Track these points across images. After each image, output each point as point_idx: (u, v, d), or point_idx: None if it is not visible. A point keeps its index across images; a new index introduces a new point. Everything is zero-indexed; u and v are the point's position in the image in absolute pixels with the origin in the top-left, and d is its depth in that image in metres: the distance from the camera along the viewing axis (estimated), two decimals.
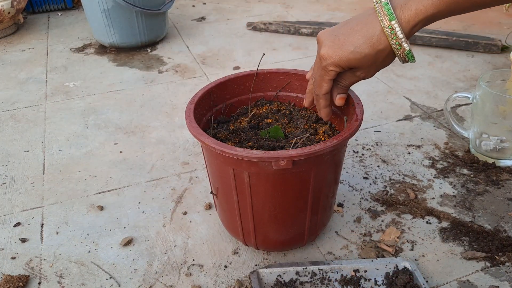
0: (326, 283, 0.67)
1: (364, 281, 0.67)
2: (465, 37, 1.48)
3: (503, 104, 0.85)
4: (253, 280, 0.67)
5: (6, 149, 1.05)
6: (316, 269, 0.69)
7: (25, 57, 1.55)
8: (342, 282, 0.67)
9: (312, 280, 0.67)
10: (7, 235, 0.81)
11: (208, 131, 0.71)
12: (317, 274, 0.68)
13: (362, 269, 0.68)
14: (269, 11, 1.92)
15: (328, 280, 0.67)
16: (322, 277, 0.67)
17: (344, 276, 0.67)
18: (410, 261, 0.68)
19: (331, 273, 0.68)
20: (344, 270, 0.68)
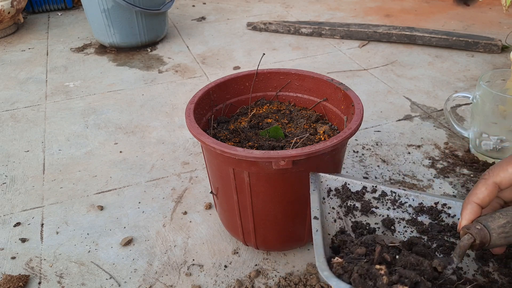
0: (398, 205, 0.58)
1: (446, 216, 0.58)
2: (465, 37, 1.48)
3: (503, 104, 0.85)
4: (312, 179, 0.58)
5: (6, 149, 1.05)
6: (388, 189, 0.59)
7: (25, 57, 1.55)
8: (418, 209, 0.58)
9: (382, 199, 0.59)
10: (7, 235, 0.81)
11: (208, 131, 0.71)
12: (388, 195, 0.59)
13: (445, 204, 0.58)
14: (269, 11, 1.92)
15: (400, 203, 0.59)
16: (393, 199, 0.59)
17: (422, 204, 0.58)
18: None
19: (405, 198, 0.59)
20: (423, 200, 0.59)
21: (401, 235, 0.56)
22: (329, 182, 0.60)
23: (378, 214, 0.58)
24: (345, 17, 1.81)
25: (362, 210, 0.58)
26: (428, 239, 0.55)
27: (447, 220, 0.57)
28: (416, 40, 1.52)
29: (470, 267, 0.52)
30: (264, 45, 1.58)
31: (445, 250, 0.53)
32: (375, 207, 0.59)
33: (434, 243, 0.55)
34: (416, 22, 1.73)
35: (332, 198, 0.59)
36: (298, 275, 0.71)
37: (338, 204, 0.58)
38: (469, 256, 0.53)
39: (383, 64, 1.41)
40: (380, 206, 0.59)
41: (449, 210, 0.58)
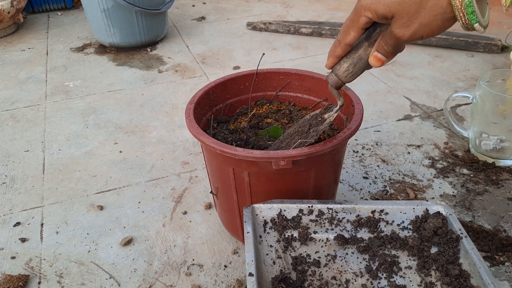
0: (336, 223, 0.57)
1: (385, 224, 0.57)
2: (465, 37, 1.48)
3: (503, 104, 0.85)
4: (246, 215, 0.56)
5: (6, 149, 1.05)
6: (324, 207, 0.57)
7: (25, 56, 1.55)
8: (356, 223, 0.57)
9: (319, 219, 0.57)
10: (7, 235, 0.81)
11: (208, 131, 0.71)
12: (325, 213, 0.57)
13: (382, 210, 0.57)
14: (269, 10, 1.92)
15: (338, 220, 0.57)
16: (331, 217, 0.57)
17: (359, 216, 0.57)
18: (445, 206, 0.57)
19: (343, 213, 0.57)
20: (360, 211, 0.57)
21: (343, 261, 0.56)
22: (264, 213, 0.58)
23: (318, 240, 0.57)
24: (345, 17, 1.81)
25: (301, 239, 0.57)
26: (369, 258, 0.55)
27: (386, 230, 0.57)
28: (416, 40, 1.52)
29: (413, 280, 0.53)
30: (264, 45, 1.58)
31: (387, 269, 0.54)
32: (314, 231, 0.58)
33: (376, 261, 0.55)
34: None
35: (270, 233, 0.57)
36: None
37: (276, 239, 0.57)
38: (411, 268, 0.54)
39: None
40: (318, 230, 0.58)
41: (387, 217, 0.58)
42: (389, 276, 0.53)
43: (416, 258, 0.55)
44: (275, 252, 0.56)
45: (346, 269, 0.55)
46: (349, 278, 0.54)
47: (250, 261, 0.50)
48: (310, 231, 0.57)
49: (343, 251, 0.56)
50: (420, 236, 0.56)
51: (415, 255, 0.55)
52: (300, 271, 0.54)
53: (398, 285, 0.52)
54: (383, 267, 0.54)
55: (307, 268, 0.55)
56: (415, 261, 0.55)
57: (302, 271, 0.54)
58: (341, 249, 0.56)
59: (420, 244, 0.55)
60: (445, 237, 0.54)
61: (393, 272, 0.54)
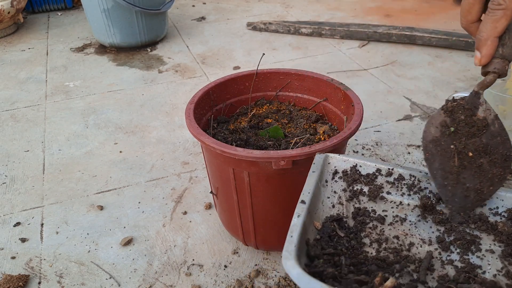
0: (415, 191, 0.52)
1: None
2: (465, 37, 1.48)
3: (503, 104, 0.85)
4: (317, 161, 0.52)
5: (6, 149, 1.05)
6: (406, 173, 0.52)
7: (25, 56, 1.55)
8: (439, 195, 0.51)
9: (397, 183, 0.53)
10: (7, 235, 0.81)
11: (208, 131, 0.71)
12: (406, 179, 0.53)
13: None
14: (269, 11, 1.92)
15: (418, 188, 0.52)
16: (411, 184, 0.52)
17: None
18: None
19: (427, 183, 0.52)
20: None
21: (412, 226, 0.50)
22: (337, 164, 0.54)
23: (389, 201, 0.52)
24: (345, 17, 1.81)
25: (370, 195, 0.52)
26: (444, 231, 0.49)
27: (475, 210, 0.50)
28: (416, 40, 1.52)
29: (493, 265, 0.46)
30: (264, 45, 1.58)
31: (463, 245, 0.48)
32: (387, 192, 0.52)
33: (452, 235, 0.49)
34: (416, 22, 1.73)
35: (337, 181, 0.53)
36: None
37: (343, 188, 0.53)
38: (494, 253, 0.47)
39: (383, 64, 1.41)
40: (393, 192, 0.52)
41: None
42: (463, 253, 0.47)
43: (503, 245, 0.48)
44: (337, 198, 0.52)
45: (413, 233, 0.49)
46: (414, 242, 0.48)
47: (307, 192, 0.47)
48: (383, 190, 0.52)
49: (415, 217, 0.51)
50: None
51: (502, 241, 0.48)
52: (360, 222, 0.50)
53: (472, 264, 0.46)
54: (458, 243, 0.48)
55: (369, 221, 0.50)
56: (500, 247, 0.48)
57: (362, 222, 0.50)
58: (413, 215, 0.51)
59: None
60: None
61: (470, 251, 0.47)
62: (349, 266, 0.43)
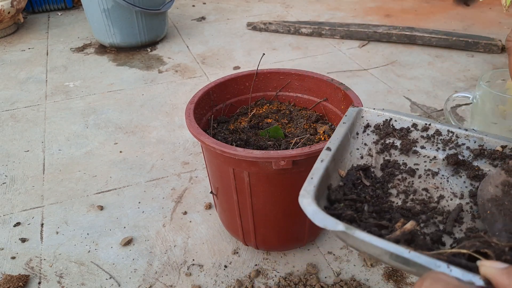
0: (452, 146, 0.50)
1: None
2: (465, 37, 1.48)
3: (503, 104, 0.85)
4: (349, 113, 0.51)
5: (6, 149, 1.05)
6: (444, 129, 0.50)
7: (25, 56, 1.55)
8: (477, 152, 0.49)
9: (433, 138, 0.51)
10: (7, 235, 0.81)
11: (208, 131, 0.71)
12: (443, 134, 0.51)
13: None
14: (269, 10, 1.92)
15: (456, 144, 0.50)
16: (448, 139, 0.50)
17: (483, 147, 0.49)
18: None
19: (465, 139, 0.50)
20: (487, 142, 0.49)
21: (444, 180, 0.47)
22: (370, 118, 0.52)
23: (423, 155, 0.49)
24: (345, 17, 1.81)
25: (403, 148, 0.50)
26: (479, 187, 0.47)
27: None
28: (416, 40, 1.52)
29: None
30: (264, 45, 1.58)
31: None
32: (422, 146, 0.50)
33: None
34: (416, 22, 1.73)
35: (369, 134, 0.51)
36: (298, 275, 0.71)
37: (374, 140, 0.51)
38: None
39: (383, 64, 1.41)
40: (427, 146, 0.50)
41: None
42: None
43: None
44: (367, 150, 0.50)
45: (444, 186, 0.47)
46: (444, 195, 0.46)
47: (334, 140, 0.45)
48: (417, 144, 0.50)
49: (449, 172, 0.48)
50: None
51: None
52: (388, 173, 0.48)
53: None
54: None
55: (398, 173, 0.48)
56: None
57: (391, 173, 0.48)
58: (447, 170, 0.49)
59: None
60: None
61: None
62: (371, 213, 0.42)
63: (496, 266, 0.31)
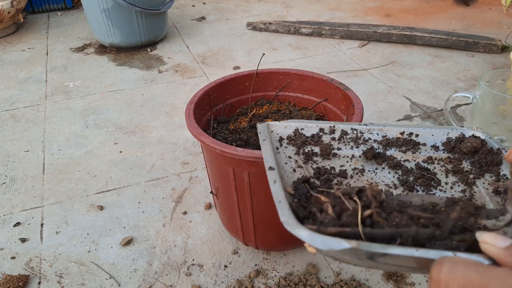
0: (361, 142, 0.53)
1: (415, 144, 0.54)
2: (465, 37, 1.48)
3: (503, 104, 0.85)
4: (261, 129, 0.52)
5: (6, 149, 1.05)
6: (347, 127, 0.54)
7: (25, 56, 1.55)
8: (384, 142, 0.53)
9: (342, 139, 0.54)
10: (7, 235, 0.81)
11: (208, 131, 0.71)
12: (349, 133, 0.54)
13: (412, 133, 0.54)
14: (269, 10, 1.92)
15: (363, 140, 0.54)
16: (355, 137, 0.54)
17: (386, 137, 0.54)
18: (482, 131, 0.53)
19: (369, 133, 0.54)
20: (387, 132, 0.54)
21: (372, 174, 0.50)
22: (279, 131, 0.54)
23: (342, 156, 0.52)
24: (345, 17, 1.81)
25: (323, 153, 0.52)
26: (403, 173, 0.50)
27: (417, 150, 0.53)
28: (416, 40, 1.52)
29: (456, 195, 0.47)
30: (264, 45, 1.58)
31: (424, 182, 0.49)
32: (338, 148, 0.53)
33: (411, 176, 0.50)
34: (416, 22, 1.73)
35: (287, 147, 0.52)
36: (298, 275, 0.71)
37: (295, 151, 0.52)
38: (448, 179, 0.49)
39: (383, 64, 1.41)
40: (342, 147, 0.53)
41: (418, 139, 0.53)
42: (427, 190, 0.48)
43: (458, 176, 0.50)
44: (294, 162, 0.51)
45: (377, 181, 0.50)
46: (382, 189, 0.48)
47: (269, 156, 0.45)
48: (333, 147, 0.53)
49: (372, 166, 0.52)
50: (458, 156, 0.51)
51: (457, 172, 0.50)
52: (325, 180, 0.49)
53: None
54: (420, 181, 0.49)
55: (332, 177, 0.50)
56: (455, 177, 0.50)
57: (327, 179, 0.50)
58: (369, 164, 0.52)
59: (458, 163, 0.51)
60: (486, 158, 0.49)
61: (432, 186, 0.49)
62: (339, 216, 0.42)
63: (498, 245, 0.31)
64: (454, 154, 0.52)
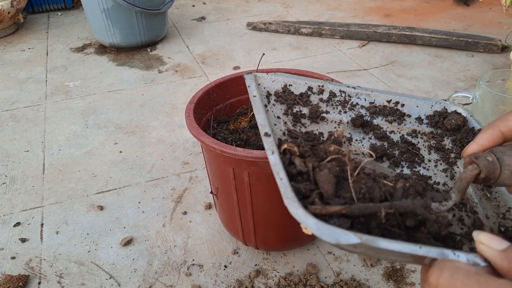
0: (349, 107, 0.53)
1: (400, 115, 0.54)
2: (465, 37, 1.48)
3: (503, 104, 0.85)
4: (249, 79, 0.51)
5: (6, 149, 1.05)
6: (336, 89, 0.53)
7: (25, 57, 1.55)
8: (372, 109, 0.53)
9: (330, 101, 0.53)
10: (7, 235, 0.81)
11: (208, 131, 0.71)
12: (337, 95, 0.53)
13: (398, 102, 0.54)
14: (269, 11, 1.92)
15: (351, 105, 0.53)
16: (343, 100, 0.53)
17: (373, 104, 0.53)
18: (464, 108, 0.54)
19: (356, 98, 0.53)
20: (375, 99, 0.54)
21: (360, 144, 0.50)
22: (267, 84, 0.52)
23: (330, 120, 0.52)
24: (345, 17, 1.81)
25: (311, 116, 0.51)
26: (389, 146, 0.50)
27: (403, 122, 0.53)
28: (416, 40, 1.52)
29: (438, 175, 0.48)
30: (264, 45, 1.58)
31: (409, 158, 0.49)
32: (326, 111, 0.52)
33: (396, 149, 0.50)
34: (416, 22, 1.73)
35: (275, 105, 0.51)
36: (298, 275, 0.71)
37: (283, 111, 0.50)
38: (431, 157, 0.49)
39: (383, 64, 1.41)
40: (330, 110, 0.52)
41: (403, 109, 0.53)
42: (412, 166, 0.49)
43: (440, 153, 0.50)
44: (283, 124, 0.49)
45: (365, 153, 0.50)
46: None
47: (264, 122, 0.43)
48: (322, 110, 0.52)
49: (359, 135, 0.51)
50: (440, 132, 0.52)
51: (439, 149, 0.51)
52: (314, 146, 0.49)
53: (423, 176, 0.48)
54: (405, 156, 0.49)
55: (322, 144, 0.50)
56: (437, 155, 0.50)
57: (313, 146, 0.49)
58: (357, 133, 0.51)
59: (440, 140, 0.51)
60: (467, 138, 0.50)
61: (416, 163, 0.49)
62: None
63: (495, 247, 0.31)
64: (437, 130, 0.52)
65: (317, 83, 0.53)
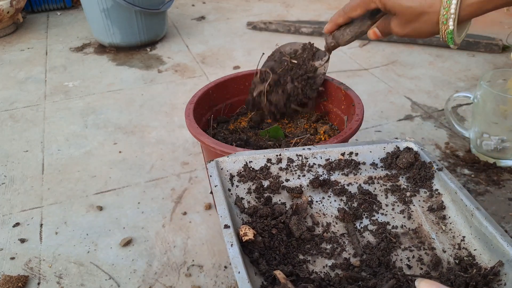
0: (308, 170, 0.56)
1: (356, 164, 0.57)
2: (466, 37, 1.47)
3: (504, 104, 0.85)
4: (211, 169, 0.53)
5: (5, 149, 1.05)
6: (293, 154, 0.56)
7: (24, 56, 1.55)
8: (328, 167, 0.55)
9: (289, 167, 0.56)
10: (6, 235, 0.80)
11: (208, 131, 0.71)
12: (295, 160, 0.56)
13: (352, 152, 0.57)
14: (269, 10, 1.92)
15: (309, 166, 0.56)
16: (301, 163, 0.56)
17: (329, 160, 0.56)
18: (415, 141, 0.57)
19: (313, 158, 0.56)
20: (330, 155, 0.56)
21: (320, 205, 0.52)
22: (229, 167, 0.54)
23: (291, 188, 0.54)
24: None
25: (273, 188, 0.53)
26: (347, 199, 0.53)
27: (358, 171, 0.56)
28: (416, 40, 1.52)
29: (396, 218, 0.51)
30: (264, 44, 1.58)
31: (367, 208, 0.52)
32: (286, 180, 0.54)
33: (355, 202, 0.53)
34: None
35: (238, 185, 0.53)
36: None
37: (246, 191, 0.53)
38: (389, 201, 0.53)
39: (384, 63, 1.40)
40: (290, 178, 0.55)
41: (358, 158, 0.56)
42: (370, 215, 0.52)
43: (396, 195, 0.54)
44: (247, 203, 0.51)
45: (325, 213, 0.52)
46: (330, 222, 0.51)
47: (224, 214, 0.45)
48: (282, 179, 0.55)
49: (319, 195, 0.54)
50: (395, 173, 0.56)
51: (395, 191, 0.54)
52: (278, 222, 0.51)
53: (381, 222, 0.51)
54: (363, 206, 0.52)
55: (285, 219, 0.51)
56: (394, 196, 0.54)
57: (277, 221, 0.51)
58: (316, 193, 0.54)
59: (395, 180, 0.55)
60: (420, 173, 0.54)
61: (374, 210, 0.52)
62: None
63: None
64: (391, 171, 0.56)
65: (275, 153, 0.55)
